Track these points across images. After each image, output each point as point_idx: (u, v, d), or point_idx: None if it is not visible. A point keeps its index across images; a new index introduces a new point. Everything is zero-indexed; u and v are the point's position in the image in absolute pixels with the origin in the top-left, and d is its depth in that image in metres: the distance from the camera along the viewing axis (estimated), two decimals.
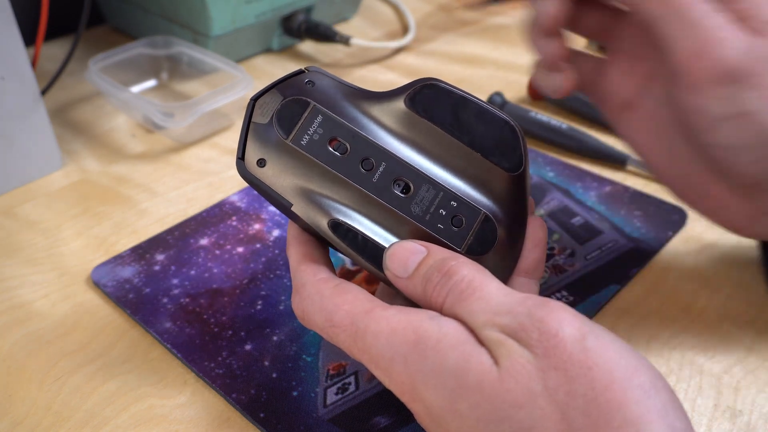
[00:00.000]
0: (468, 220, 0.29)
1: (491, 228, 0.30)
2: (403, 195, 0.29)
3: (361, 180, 0.29)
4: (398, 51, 0.67)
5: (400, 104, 0.30)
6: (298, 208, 0.29)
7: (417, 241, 0.29)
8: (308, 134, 0.30)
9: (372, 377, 0.34)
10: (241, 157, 0.30)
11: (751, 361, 0.35)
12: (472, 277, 0.26)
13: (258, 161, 0.30)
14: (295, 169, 0.29)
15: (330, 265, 0.30)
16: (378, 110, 0.31)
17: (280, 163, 0.30)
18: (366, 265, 0.29)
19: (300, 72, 0.31)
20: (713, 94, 0.29)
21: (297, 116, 0.30)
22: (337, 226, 0.29)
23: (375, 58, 0.65)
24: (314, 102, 0.30)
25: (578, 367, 0.23)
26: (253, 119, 0.30)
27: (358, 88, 0.31)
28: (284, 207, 0.29)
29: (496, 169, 0.30)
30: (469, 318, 0.26)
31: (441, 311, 0.27)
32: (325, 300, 0.28)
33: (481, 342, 0.25)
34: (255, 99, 0.30)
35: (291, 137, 0.30)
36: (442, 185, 0.30)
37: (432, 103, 0.30)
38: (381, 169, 0.30)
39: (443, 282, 0.27)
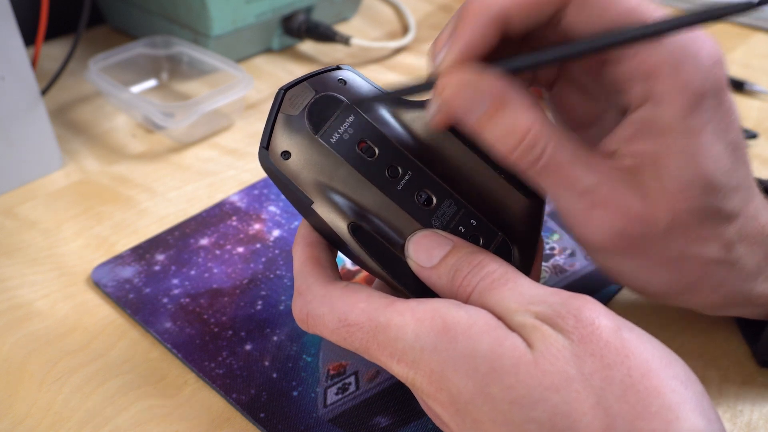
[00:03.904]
0: (485, 241, 0.30)
1: (506, 251, 0.30)
2: (425, 207, 0.29)
3: (386, 186, 0.29)
4: (398, 51, 0.67)
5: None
6: (318, 207, 0.29)
7: (441, 231, 0.29)
8: (338, 133, 0.29)
9: (373, 377, 0.34)
10: (265, 146, 0.29)
11: (752, 361, 0.35)
12: (504, 270, 0.27)
13: (282, 153, 0.29)
14: (320, 166, 0.29)
15: (336, 269, 0.30)
16: (409, 119, 0.31)
17: (305, 157, 0.29)
18: (380, 272, 0.28)
19: (333, 69, 0.31)
20: (595, 256, 0.30)
21: (329, 113, 0.29)
22: (358, 229, 0.28)
23: (375, 58, 0.65)
24: (347, 101, 0.30)
25: (615, 354, 0.23)
26: (282, 110, 0.29)
27: (388, 92, 0.31)
28: (303, 204, 0.29)
29: (517, 195, 0.30)
30: (500, 305, 0.26)
31: (467, 301, 0.27)
32: (336, 300, 0.28)
33: (511, 328, 0.25)
34: (285, 89, 0.30)
35: (321, 133, 0.29)
36: (464, 202, 0.30)
37: None
38: (406, 178, 0.29)
39: (474, 272, 0.27)
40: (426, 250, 0.28)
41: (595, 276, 0.40)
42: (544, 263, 0.41)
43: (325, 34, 0.64)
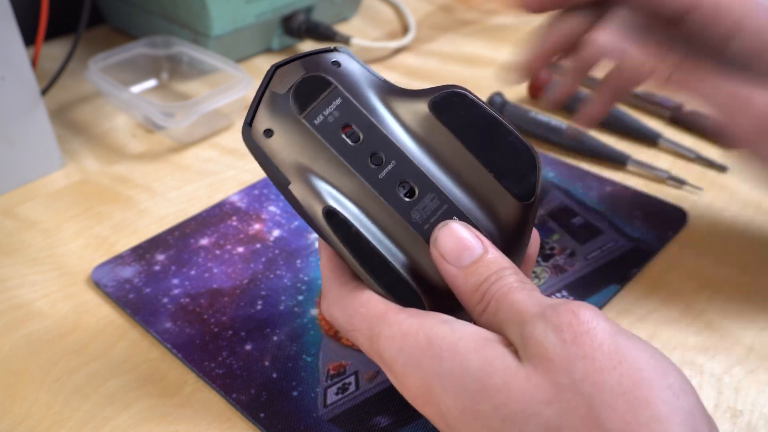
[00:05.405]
0: None
1: None
2: (406, 199, 0.28)
3: (367, 174, 0.28)
4: (398, 51, 0.67)
5: (423, 106, 0.29)
6: (295, 188, 0.28)
7: (471, 229, 0.28)
8: (323, 115, 0.29)
9: (373, 377, 0.34)
10: (249, 123, 0.29)
11: (751, 361, 0.35)
12: (524, 281, 0.27)
13: (265, 131, 0.29)
14: (301, 147, 0.28)
15: None
16: (399, 107, 0.29)
17: (287, 137, 0.29)
18: (352, 261, 0.28)
19: (328, 50, 0.30)
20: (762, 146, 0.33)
21: (315, 94, 0.29)
22: (332, 214, 0.28)
23: (375, 58, 0.65)
24: (336, 83, 0.29)
25: (608, 358, 0.23)
26: (270, 87, 0.29)
27: (384, 79, 0.30)
28: (281, 184, 0.29)
29: (505, 194, 0.29)
30: (517, 304, 0.25)
31: (487, 307, 0.26)
32: (346, 303, 0.28)
33: (508, 336, 0.25)
34: (276, 66, 0.29)
35: (305, 114, 0.29)
36: (448, 197, 0.29)
37: (456, 113, 0.29)
38: (390, 167, 0.29)
39: (500, 282, 0.26)
40: (457, 249, 0.27)
41: (595, 276, 0.40)
42: (544, 263, 0.41)
43: (325, 34, 0.64)
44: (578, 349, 0.23)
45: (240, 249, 0.42)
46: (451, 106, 0.29)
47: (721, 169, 0.49)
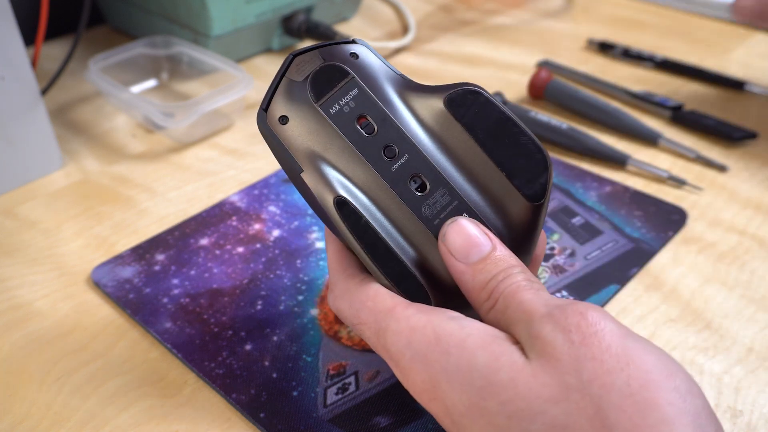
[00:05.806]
0: None
1: None
2: (417, 193, 0.29)
3: (380, 166, 0.29)
4: (398, 51, 0.67)
5: (438, 102, 0.30)
6: (308, 176, 0.28)
7: (480, 226, 0.28)
8: (339, 104, 0.29)
9: (372, 377, 0.34)
10: (264, 109, 0.29)
11: (751, 361, 0.35)
12: (532, 281, 0.27)
13: (281, 117, 0.29)
14: (315, 135, 0.29)
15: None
16: (415, 101, 0.30)
17: (302, 125, 0.29)
18: (360, 252, 0.28)
19: (347, 41, 0.30)
20: None
21: (332, 83, 0.29)
22: (342, 204, 0.28)
23: None
24: (354, 74, 0.29)
25: (615, 360, 0.23)
26: (287, 75, 0.29)
27: (401, 74, 0.31)
28: (293, 171, 0.29)
29: (516, 194, 0.29)
30: (525, 304, 0.25)
31: (494, 305, 0.26)
32: (352, 296, 0.28)
33: (515, 335, 0.25)
34: (295, 55, 0.30)
35: (321, 102, 0.29)
36: (459, 194, 0.29)
37: (471, 111, 0.29)
38: (402, 160, 0.29)
39: (507, 280, 0.26)
40: (465, 246, 0.27)
41: (595, 276, 0.40)
42: (544, 263, 0.41)
43: (325, 34, 0.64)
44: (587, 350, 0.23)
45: (240, 249, 0.42)
46: (466, 103, 0.30)
47: (721, 169, 0.49)
